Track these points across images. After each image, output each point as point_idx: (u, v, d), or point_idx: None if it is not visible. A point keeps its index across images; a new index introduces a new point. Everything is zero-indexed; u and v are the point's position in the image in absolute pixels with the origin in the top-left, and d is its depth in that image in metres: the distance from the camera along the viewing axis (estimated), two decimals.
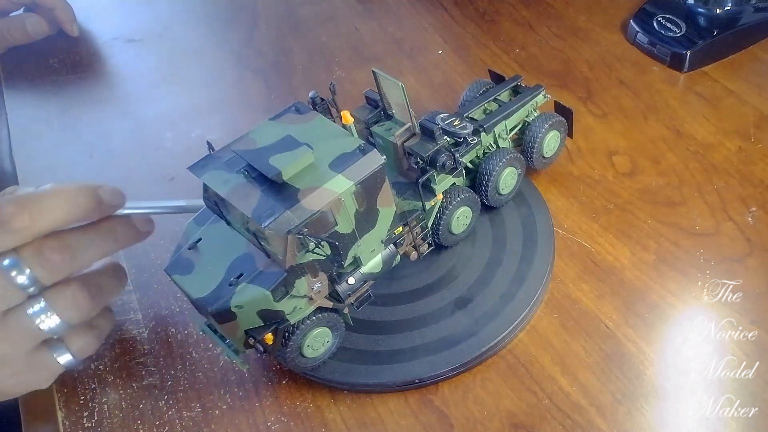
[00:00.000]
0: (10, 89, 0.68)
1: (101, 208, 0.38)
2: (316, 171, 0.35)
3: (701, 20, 0.59)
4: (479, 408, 0.39)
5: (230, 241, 0.37)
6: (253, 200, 0.34)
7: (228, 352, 0.38)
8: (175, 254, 0.37)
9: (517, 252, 0.45)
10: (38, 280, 0.36)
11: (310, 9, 0.73)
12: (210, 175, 0.35)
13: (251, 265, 0.36)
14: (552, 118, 0.48)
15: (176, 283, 0.37)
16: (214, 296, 0.35)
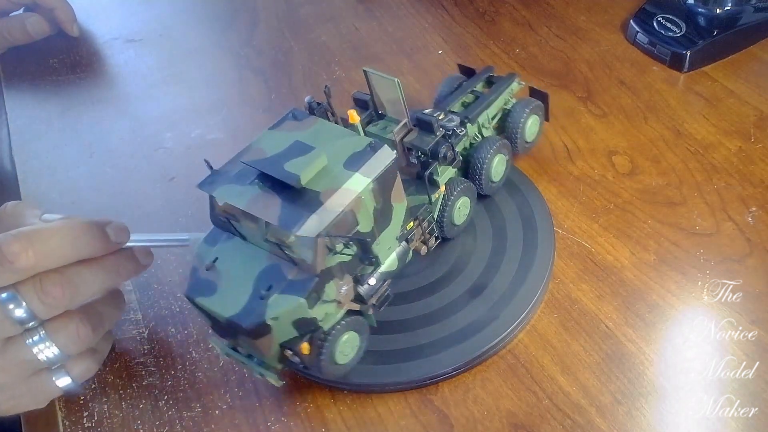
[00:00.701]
0: (10, 89, 0.68)
1: (107, 246, 0.38)
2: (332, 172, 0.35)
3: (701, 20, 0.59)
4: (479, 408, 0.39)
5: (250, 256, 0.36)
6: (275, 209, 0.33)
7: (259, 371, 0.37)
8: (193, 277, 0.36)
9: (517, 252, 0.45)
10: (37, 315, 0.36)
11: (310, 9, 0.73)
12: (222, 190, 0.35)
13: (279, 276, 0.35)
14: (531, 102, 0.49)
15: (200, 306, 0.35)
16: (247, 312, 0.34)
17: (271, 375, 0.37)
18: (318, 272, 0.34)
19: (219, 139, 0.59)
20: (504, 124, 0.49)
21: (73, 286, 0.36)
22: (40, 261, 0.35)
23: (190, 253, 0.46)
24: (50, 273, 0.36)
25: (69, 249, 0.36)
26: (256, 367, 0.37)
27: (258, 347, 0.35)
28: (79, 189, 0.57)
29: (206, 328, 0.45)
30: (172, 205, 0.54)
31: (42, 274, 0.36)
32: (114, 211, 0.54)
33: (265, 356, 0.36)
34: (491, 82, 0.50)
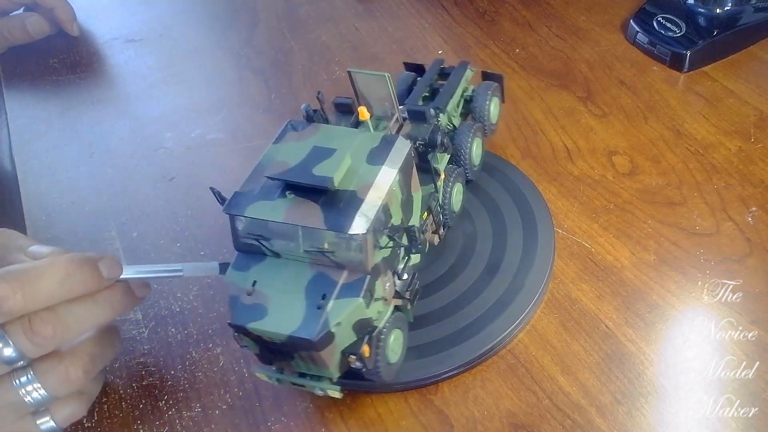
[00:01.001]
0: (10, 89, 0.68)
1: (100, 282, 0.36)
2: (359, 170, 0.35)
3: (701, 20, 0.59)
4: (479, 408, 0.39)
5: (291, 272, 0.35)
6: (316, 215, 0.33)
7: (319, 386, 0.36)
8: (236, 305, 0.34)
9: (517, 252, 0.45)
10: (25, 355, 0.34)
11: (310, 9, 0.73)
12: (253, 208, 0.34)
13: (329, 282, 0.34)
14: (491, 86, 0.49)
15: (253, 331, 0.34)
16: (308, 325, 0.33)
17: (333, 388, 0.36)
18: (369, 270, 0.34)
19: (219, 139, 0.59)
20: (468, 110, 0.50)
21: (65, 325, 0.35)
22: (29, 303, 0.33)
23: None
24: (40, 312, 0.34)
25: (60, 288, 0.34)
26: (315, 384, 0.36)
27: (321, 359, 0.34)
28: (79, 189, 0.57)
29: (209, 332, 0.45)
30: (172, 205, 0.54)
31: (32, 314, 0.34)
32: (114, 211, 0.54)
33: (327, 368, 0.35)
34: (444, 73, 0.51)
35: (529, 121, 0.56)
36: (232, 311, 0.34)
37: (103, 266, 0.36)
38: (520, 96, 0.59)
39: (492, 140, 0.55)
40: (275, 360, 0.36)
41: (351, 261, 0.34)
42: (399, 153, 0.37)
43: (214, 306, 0.46)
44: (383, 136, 0.37)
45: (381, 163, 0.35)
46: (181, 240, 0.51)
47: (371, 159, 0.36)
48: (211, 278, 0.48)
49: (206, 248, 0.50)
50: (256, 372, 0.37)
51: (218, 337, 0.45)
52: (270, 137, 0.58)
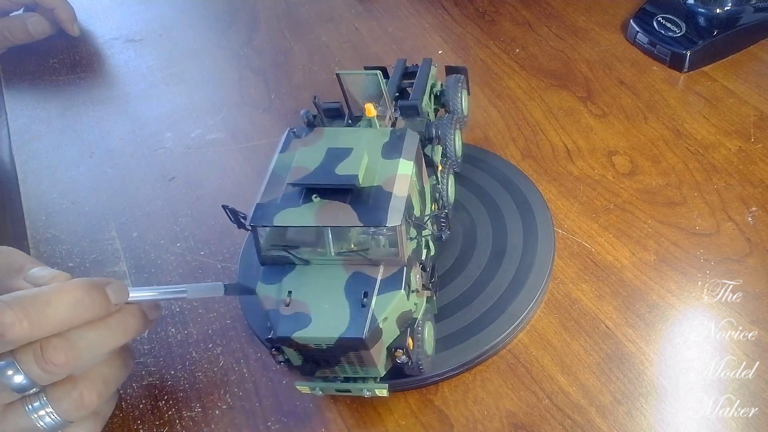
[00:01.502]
0: (10, 89, 0.68)
1: (108, 308, 0.35)
2: (377, 165, 0.36)
3: (701, 20, 0.59)
4: (479, 408, 0.39)
5: (325, 276, 0.35)
6: (349, 213, 0.33)
7: (367, 388, 0.36)
8: (275, 318, 0.34)
9: (517, 252, 0.45)
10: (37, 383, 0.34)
11: (310, 9, 0.73)
12: (281, 217, 0.34)
13: (368, 280, 0.34)
14: (459, 78, 0.49)
15: (300, 340, 0.33)
16: (356, 324, 0.33)
17: (380, 386, 0.36)
18: (405, 261, 0.34)
19: (219, 139, 0.59)
20: (440, 105, 0.50)
21: (77, 352, 0.34)
22: (35, 331, 0.32)
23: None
24: (52, 338, 0.33)
25: (67, 315, 0.34)
26: (362, 386, 0.36)
27: (370, 358, 0.34)
28: (79, 189, 0.57)
29: (209, 332, 0.45)
30: (172, 205, 0.54)
31: (43, 341, 0.33)
32: (114, 211, 0.54)
33: (375, 366, 0.35)
34: (408, 73, 0.51)
35: (529, 121, 0.56)
36: (273, 325, 0.34)
37: (111, 291, 0.36)
38: (520, 96, 0.59)
39: (492, 140, 0.55)
40: (318, 369, 0.36)
41: (386, 255, 0.34)
42: (411, 145, 0.37)
43: (214, 306, 0.46)
44: (391, 130, 0.38)
45: (398, 156, 0.36)
46: (181, 240, 0.51)
47: (386, 153, 0.36)
48: (211, 279, 0.48)
49: (206, 248, 0.50)
50: (298, 386, 0.37)
51: (218, 337, 0.45)
52: (270, 137, 0.58)
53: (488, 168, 0.51)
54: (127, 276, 0.49)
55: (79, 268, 0.50)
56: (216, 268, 0.49)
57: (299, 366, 0.36)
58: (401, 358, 0.35)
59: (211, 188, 0.55)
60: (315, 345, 0.33)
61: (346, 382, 0.36)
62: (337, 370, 0.36)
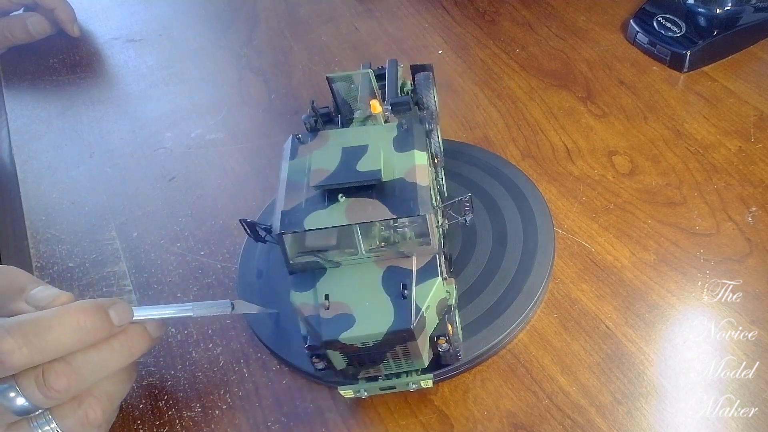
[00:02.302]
0: (10, 89, 0.68)
1: (111, 330, 0.35)
2: (394, 159, 0.36)
3: (701, 20, 0.59)
4: (479, 408, 0.39)
5: (359, 275, 0.35)
6: (378, 207, 0.34)
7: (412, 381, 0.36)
8: (317, 324, 0.34)
9: (517, 252, 0.45)
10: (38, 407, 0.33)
11: (310, 9, 0.73)
12: (310, 220, 0.34)
13: (404, 273, 0.35)
14: (428, 75, 0.49)
15: (347, 341, 0.33)
16: (402, 316, 0.33)
17: (426, 377, 0.36)
18: (437, 249, 0.35)
19: (219, 139, 0.59)
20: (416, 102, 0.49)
21: (80, 376, 0.34)
22: (36, 356, 0.32)
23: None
24: (54, 363, 0.33)
25: (69, 340, 0.33)
26: (407, 380, 0.36)
27: (416, 349, 0.34)
28: (79, 189, 0.57)
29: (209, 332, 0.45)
30: (172, 205, 0.54)
31: (45, 366, 0.33)
32: (114, 211, 0.54)
33: (420, 357, 0.35)
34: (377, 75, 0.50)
35: (529, 121, 0.56)
36: (316, 330, 0.34)
37: (114, 313, 0.35)
38: (520, 96, 0.59)
39: (492, 140, 0.55)
40: (363, 369, 0.36)
41: (417, 245, 0.35)
42: (421, 136, 0.38)
43: None
44: (396, 124, 0.38)
45: (411, 148, 0.37)
46: (181, 240, 0.51)
47: (399, 147, 0.37)
48: (211, 279, 0.48)
49: (206, 248, 0.50)
50: (342, 390, 0.37)
51: (218, 337, 0.45)
52: (270, 137, 0.58)
53: (488, 168, 0.51)
54: (127, 276, 0.49)
55: (79, 268, 0.50)
56: (216, 268, 0.49)
57: (342, 370, 0.36)
58: (443, 345, 0.35)
59: (211, 188, 0.55)
60: (362, 344, 0.33)
61: (387, 379, 0.37)
62: (382, 367, 0.36)
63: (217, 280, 0.48)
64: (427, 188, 0.35)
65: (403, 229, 0.35)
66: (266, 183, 0.54)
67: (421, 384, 0.37)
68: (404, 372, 0.37)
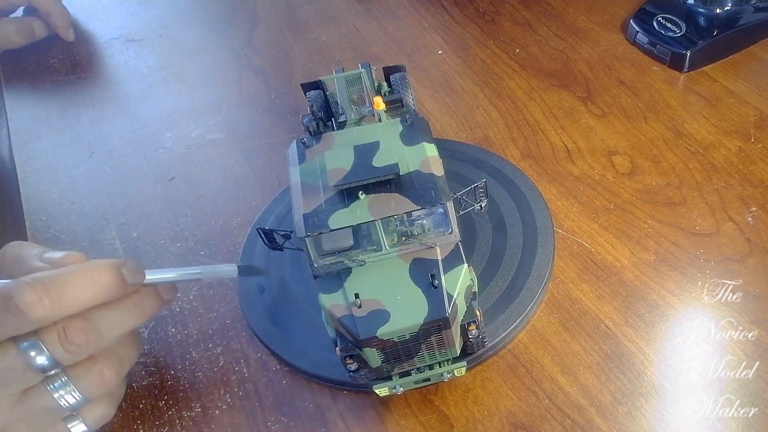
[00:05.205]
0: (10, 89, 0.68)
1: (124, 288, 0.36)
2: (405, 153, 0.37)
3: (701, 20, 0.59)
4: (479, 408, 0.39)
5: (385, 271, 0.35)
6: (400, 200, 0.34)
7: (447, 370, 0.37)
8: (352, 323, 0.34)
9: (517, 252, 0.45)
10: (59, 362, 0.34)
11: (310, 9, 0.73)
12: (335, 220, 0.34)
13: (430, 263, 0.35)
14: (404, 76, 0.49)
15: (385, 336, 0.33)
16: (436, 305, 0.33)
17: (459, 365, 0.37)
18: (459, 237, 0.36)
19: (219, 139, 0.59)
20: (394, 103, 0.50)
21: (98, 332, 0.35)
22: (56, 310, 0.33)
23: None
24: (74, 319, 0.34)
25: (85, 295, 0.34)
26: (440, 370, 0.37)
27: (450, 337, 0.35)
28: (79, 189, 0.57)
29: (209, 332, 0.45)
30: (172, 205, 0.54)
31: (65, 321, 0.34)
32: (114, 211, 0.54)
33: (453, 345, 0.36)
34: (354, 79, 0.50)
35: (529, 121, 0.56)
36: (351, 330, 0.34)
37: (126, 271, 0.36)
38: (520, 96, 0.59)
39: (492, 140, 0.55)
40: (398, 364, 0.36)
41: (440, 235, 0.35)
42: (426, 129, 0.38)
43: (214, 306, 0.46)
44: (400, 120, 0.39)
45: (420, 141, 0.37)
46: (180, 240, 0.51)
47: (407, 141, 0.37)
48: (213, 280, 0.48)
49: (206, 248, 0.50)
50: (377, 389, 0.37)
51: (218, 337, 0.45)
52: (270, 137, 0.58)
53: (488, 168, 0.51)
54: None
55: None
56: None
57: (376, 368, 0.36)
58: (473, 332, 0.36)
59: (211, 188, 0.55)
60: (399, 337, 0.34)
61: (421, 372, 0.37)
62: (416, 360, 0.36)
63: (217, 280, 0.48)
64: (443, 178, 0.36)
65: (421, 221, 0.35)
66: (266, 183, 0.54)
67: (454, 373, 0.37)
68: (436, 363, 0.37)
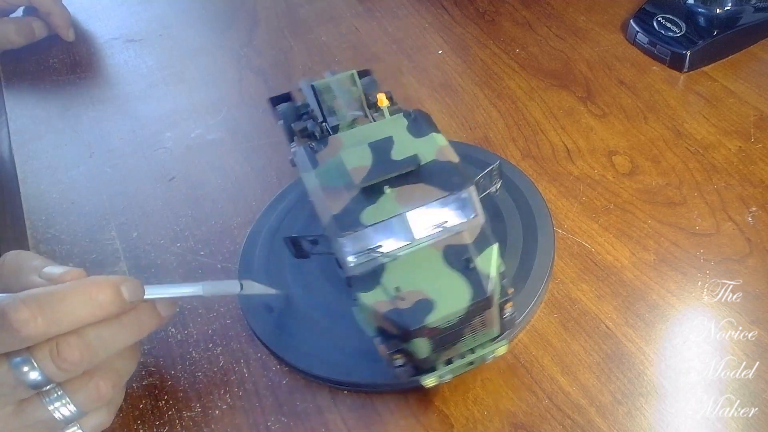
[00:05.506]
0: (10, 89, 0.68)
1: (123, 306, 0.35)
2: (418, 144, 0.37)
3: (701, 20, 0.59)
4: (479, 408, 0.39)
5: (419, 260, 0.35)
6: (427, 189, 0.35)
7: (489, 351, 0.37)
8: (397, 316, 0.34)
9: (517, 252, 0.45)
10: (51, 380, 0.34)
11: (310, 9, 0.73)
12: (366, 216, 0.34)
13: (461, 248, 0.35)
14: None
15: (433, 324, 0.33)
16: (477, 287, 0.34)
17: (500, 344, 0.37)
18: (484, 218, 0.36)
19: (219, 139, 0.59)
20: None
21: (92, 350, 0.34)
22: (50, 328, 0.32)
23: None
24: (68, 336, 0.33)
25: (81, 313, 0.34)
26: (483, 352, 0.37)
27: (491, 316, 0.35)
28: (79, 189, 0.57)
29: (209, 332, 0.45)
30: (172, 205, 0.54)
31: (59, 338, 0.33)
32: (114, 211, 0.54)
33: (494, 325, 0.36)
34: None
35: (529, 121, 0.56)
36: (401, 323, 0.33)
37: (125, 289, 0.35)
38: (520, 96, 0.59)
39: (492, 140, 0.55)
40: (444, 352, 0.36)
41: (466, 219, 0.36)
42: (431, 121, 0.39)
43: (214, 306, 0.46)
44: (402, 114, 0.39)
45: (429, 132, 0.38)
46: (180, 240, 0.51)
47: (416, 133, 0.38)
48: (211, 279, 0.48)
49: (206, 248, 0.50)
50: (425, 380, 0.36)
51: (218, 337, 0.45)
52: (270, 137, 0.58)
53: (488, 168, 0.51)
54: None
55: None
56: (216, 268, 0.49)
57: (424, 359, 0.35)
58: (508, 310, 0.36)
59: (211, 188, 0.55)
60: (446, 323, 0.34)
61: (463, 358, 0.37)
62: (460, 346, 0.36)
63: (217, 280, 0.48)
64: (460, 164, 0.36)
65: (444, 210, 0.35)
66: (266, 183, 0.54)
67: (497, 352, 0.37)
68: (477, 346, 0.37)
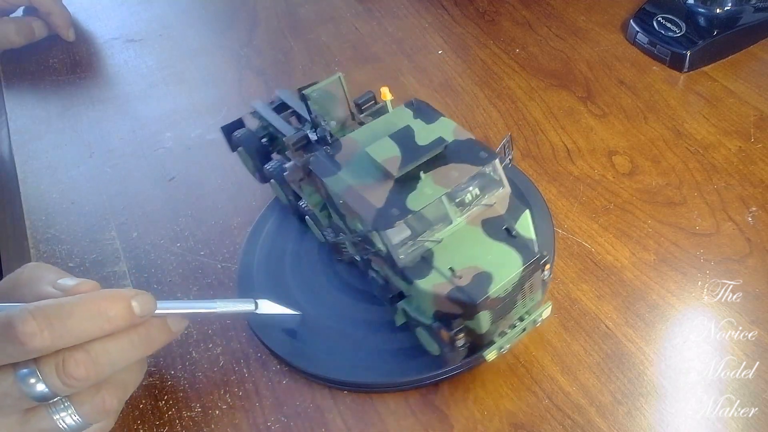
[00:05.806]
0: (10, 89, 0.68)
1: (133, 321, 0.35)
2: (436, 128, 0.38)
3: (701, 20, 0.59)
4: (479, 408, 0.39)
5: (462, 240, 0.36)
6: (461, 168, 0.36)
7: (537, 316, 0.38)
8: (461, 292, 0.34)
9: None
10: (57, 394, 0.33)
11: (310, 9, 0.73)
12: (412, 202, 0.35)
13: (498, 219, 0.36)
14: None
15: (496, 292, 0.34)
16: (525, 250, 0.35)
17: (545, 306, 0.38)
18: (510, 188, 0.37)
19: (219, 139, 0.59)
20: None
21: (99, 366, 0.34)
22: (56, 342, 0.32)
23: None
24: (74, 351, 0.33)
25: (90, 327, 0.33)
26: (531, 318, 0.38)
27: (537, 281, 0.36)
28: (79, 189, 0.57)
29: (209, 332, 0.45)
30: (172, 205, 0.54)
31: (65, 352, 0.33)
32: (114, 211, 0.54)
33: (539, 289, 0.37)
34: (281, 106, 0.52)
35: (529, 121, 0.56)
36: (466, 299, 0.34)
37: (137, 303, 0.35)
38: (520, 96, 0.59)
39: (492, 140, 0.55)
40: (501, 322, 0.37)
41: (494, 191, 0.37)
42: (431, 106, 0.40)
43: None
44: (405, 105, 0.40)
45: (438, 117, 0.39)
46: (181, 240, 0.51)
47: (427, 120, 0.39)
48: (211, 279, 0.48)
49: (206, 248, 0.50)
50: (487, 354, 0.37)
51: (218, 337, 0.45)
52: None
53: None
54: (127, 276, 0.49)
55: (79, 268, 0.50)
56: (216, 268, 0.49)
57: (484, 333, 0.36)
58: (547, 272, 0.37)
59: (211, 188, 0.55)
60: (504, 291, 0.35)
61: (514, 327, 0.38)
62: (513, 314, 0.37)
63: (217, 280, 0.48)
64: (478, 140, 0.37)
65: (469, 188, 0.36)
66: None
67: (544, 314, 0.38)
68: (525, 313, 0.38)
